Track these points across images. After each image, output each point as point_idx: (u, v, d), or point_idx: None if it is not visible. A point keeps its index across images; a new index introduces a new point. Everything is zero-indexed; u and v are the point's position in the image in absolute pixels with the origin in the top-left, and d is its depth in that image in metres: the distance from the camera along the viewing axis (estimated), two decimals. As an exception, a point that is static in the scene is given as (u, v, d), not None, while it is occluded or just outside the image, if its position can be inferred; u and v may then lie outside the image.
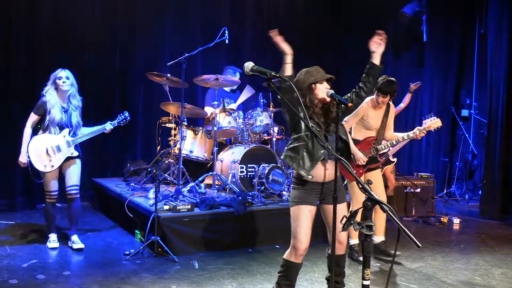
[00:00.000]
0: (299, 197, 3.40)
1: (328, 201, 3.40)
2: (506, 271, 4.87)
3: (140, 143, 7.51)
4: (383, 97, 4.75)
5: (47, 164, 4.83)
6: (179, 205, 5.16)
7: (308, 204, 3.38)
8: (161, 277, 4.32)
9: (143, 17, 7.50)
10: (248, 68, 3.25)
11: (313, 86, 3.37)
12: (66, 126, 4.87)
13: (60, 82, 4.85)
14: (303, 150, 3.33)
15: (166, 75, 6.20)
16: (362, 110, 4.78)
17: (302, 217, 3.37)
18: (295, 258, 3.43)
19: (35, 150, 4.81)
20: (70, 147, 4.89)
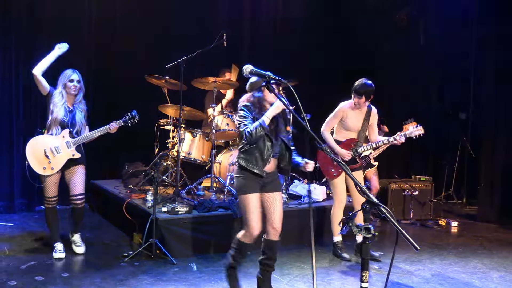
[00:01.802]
0: (246, 186, 3.74)
1: (267, 190, 3.82)
2: (504, 274, 4.88)
3: (139, 145, 7.49)
4: (358, 98, 4.94)
5: (47, 167, 4.66)
6: (177, 207, 5.16)
7: (254, 192, 3.75)
8: (159, 279, 4.32)
9: (142, 18, 7.50)
10: (247, 70, 3.27)
11: (263, 89, 3.71)
12: (67, 126, 4.72)
13: (71, 85, 4.72)
14: (256, 152, 3.72)
15: (164, 77, 6.21)
16: (341, 111, 5.07)
17: (252, 205, 3.74)
18: (248, 240, 3.81)
19: (33, 152, 4.64)
20: (71, 148, 4.70)
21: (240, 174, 3.77)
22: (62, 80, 4.74)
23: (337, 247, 5.23)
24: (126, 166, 6.94)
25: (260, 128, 3.60)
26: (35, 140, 4.70)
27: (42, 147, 4.66)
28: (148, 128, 6.88)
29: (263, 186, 3.81)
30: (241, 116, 3.73)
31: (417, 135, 5.02)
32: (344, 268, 4.90)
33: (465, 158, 8.96)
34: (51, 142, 4.68)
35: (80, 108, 4.84)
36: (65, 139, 4.70)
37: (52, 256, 4.78)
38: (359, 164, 5.17)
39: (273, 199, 3.84)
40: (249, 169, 3.71)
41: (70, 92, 4.74)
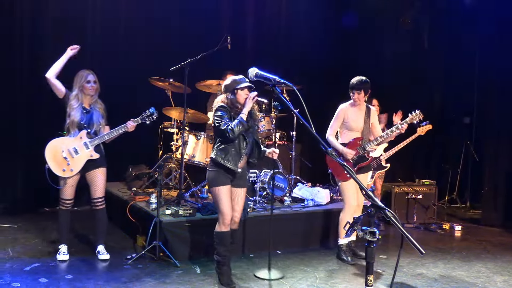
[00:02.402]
0: (218, 179, 4.17)
1: (234, 185, 4.27)
2: (508, 278, 4.87)
3: (142, 148, 7.51)
4: (357, 94, 5.08)
5: (66, 169, 4.63)
6: (181, 210, 5.16)
7: (226, 184, 4.19)
8: (162, 282, 4.32)
9: (146, 20, 7.53)
10: (252, 74, 3.28)
11: (236, 91, 4.18)
12: (85, 127, 4.69)
13: (89, 86, 4.69)
14: (232, 149, 4.16)
15: (168, 80, 6.22)
16: (341, 112, 5.18)
17: (224, 196, 4.18)
18: (224, 228, 4.22)
19: (52, 154, 4.62)
20: (89, 149, 4.68)
21: (214, 168, 4.19)
22: (78, 81, 4.71)
23: (341, 250, 5.24)
24: (129, 168, 6.95)
25: (241, 125, 4.07)
26: (53, 142, 4.67)
27: (60, 149, 4.64)
28: (151, 131, 6.89)
29: (232, 181, 4.23)
30: (219, 116, 4.15)
31: (418, 120, 5.20)
32: (349, 271, 4.89)
33: (468, 162, 8.95)
34: (69, 144, 4.65)
35: (97, 107, 4.80)
36: (83, 140, 4.68)
37: (56, 258, 4.78)
38: (369, 161, 5.22)
39: (237, 194, 4.31)
40: (224, 164, 4.11)
41: (88, 93, 4.72)
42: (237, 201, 4.32)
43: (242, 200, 4.35)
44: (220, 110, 4.16)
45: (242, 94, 4.19)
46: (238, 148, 4.19)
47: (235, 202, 4.30)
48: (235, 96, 4.19)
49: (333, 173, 5.24)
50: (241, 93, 4.19)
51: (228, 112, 4.17)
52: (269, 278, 4.58)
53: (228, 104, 4.20)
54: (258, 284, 4.44)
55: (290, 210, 5.85)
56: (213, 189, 4.21)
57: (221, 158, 4.13)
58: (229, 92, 4.21)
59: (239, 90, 4.19)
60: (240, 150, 4.20)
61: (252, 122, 4.31)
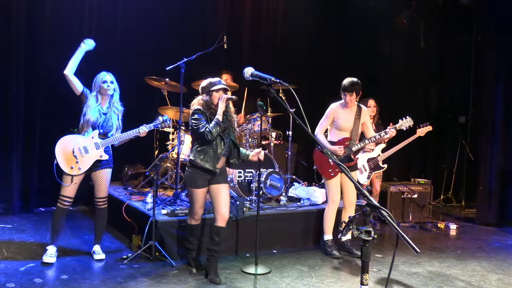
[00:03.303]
0: (196, 181, 4.35)
1: (215, 182, 4.41)
2: (502, 277, 4.89)
3: (138, 148, 7.49)
4: (350, 95, 5.15)
5: (74, 166, 4.61)
6: (177, 210, 5.16)
7: (202, 187, 4.38)
8: (158, 282, 4.31)
9: (142, 20, 7.51)
10: (248, 73, 3.28)
11: (211, 93, 4.34)
12: (98, 127, 4.68)
13: (105, 86, 4.69)
14: (210, 151, 4.31)
15: (164, 79, 6.21)
16: (331, 112, 5.25)
17: (198, 198, 4.41)
18: (194, 222, 4.60)
19: (62, 150, 4.59)
20: (99, 149, 4.67)
21: (192, 169, 4.36)
22: (96, 82, 4.73)
23: (327, 245, 5.36)
24: (125, 168, 6.95)
25: (218, 126, 4.22)
26: (65, 139, 4.64)
27: (71, 146, 4.62)
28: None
29: (212, 179, 4.38)
30: (196, 119, 4.29)
31: (407, 127, 5.32)
32: (345, 270, 4.90)
33: (464, 161, 8.98)
34: (80, 142, 4.64)
35: (116, 110, 4.80)
36: (94, 140, 4.67)
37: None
38: (354, 162, 5.31)
39: (220, 189, 4.41)
40: (202, 165, 4.27)
41: (105, 93, 4.72)
42: (220, 197, 4.41)
43: (225, 195, 4.43)
44: (197, 113, 4.31)
45: (216, 96, 4.34)
46: (216, 149, 4.32)
47: (219, 198, 4.41)
48: (210, 98, 4.35)
49: (319, 170, 5.36)
50: (216, 95, 4.34)
51: (204, 114, 4.32)
52: (255, 273, 4.63)
53: (204, 106, 4.35)
54: (245, 278, 4.50)
55: (286, 209, 5.86)
56: (189, 189, 4.43)
57: (199, 159, 4.28)
58: (205, 93, 4.38)
59: (214, 92, 4.35)
60: (218, 151, 4.33)
61: (228, 123, 4.42)
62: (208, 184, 4.41)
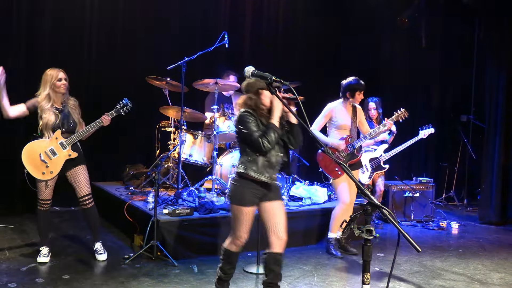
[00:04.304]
0: (243, 197, 3.54)
1: (269, 199, 3.62)
2: (504, 275, 4.88)
3: (140, 147, 7.51)
4: (358, 93, 5.22)
5: (46, 171, 4.54)
6: (178, 209, 5.16)
7: (251, 205, 3.56)
8: (160, 281, 4.32)
9: (144, 19, 7.52)
10: (249, 72, 3.28)
11: (260, 91, 3.58)
12: (58, 127, 4.56)
13: (60, 84, 4.55)
14: (265, 160, 3.53)
15: (165, 79, 6.21)
16: (330, 111, 5.26)
17: (244, 218, 3.58)
18: (234, 248, 3.72)
19: (29, 158, 4.48)
20: (66, 148, 4.57)
21: (239, 182, 3.55)
22: (49, 81, 4.56)
23: (330, 243, 5.35)
24: (127, 168, 6.95)
25: (275, 134, 3.46)
26: (29, 146, 4.55)
27: (37, 152, 4.52)
28: (149, 130, 6.89)
29: (265, 195, 3.60)
30: (245, 124, 3.50)
31: (403, 118, 5.37)
32: (346, 269, 4.90)
33: (466, 160, 8.97)
34: (45, 146, 4.53)
35: (71, 105, 4.68)
36: (59, 140, 4.56)
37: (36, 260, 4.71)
38: (358, 158, 5.33)
39: (275, 208, 3.62)
40: (257, 178, 3.49)
41: (60, 91, 4.59)
42: (276, 217, 3.62)
43: (283, 213, 3.65)
44: (246, 117, 3.53)
45: (266, 95, 3.59)
46: (271, 158, 3.55)
47: (274, 218, 3.62)
48: (259, 97, 3.59)
49: (325, 171, 5.35)
50: (266, 94, 3.59)
51: (254, 117, 3.53)
52: (257, 272, 4.64)
53: (252, 107, 3.58)
54: (248, 277, 4.50)
55: (287, 209, 5.85)
56: (234, 206, 3.58)
57: (252, 171, 3.49)
58: (252, 92, 3.61)
59: (264, 90, 3.59)
60: (273, 160, 3.56)
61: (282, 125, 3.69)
62: (259, 201, 3.62)
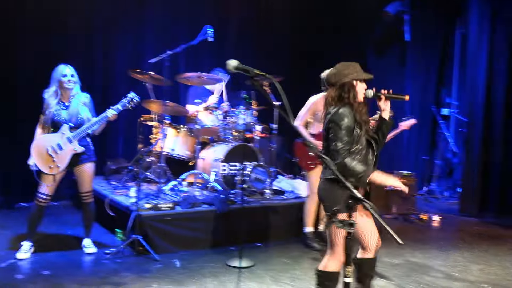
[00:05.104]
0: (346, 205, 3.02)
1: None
2: (483, 267, 4.95)
3: (121, 141, 7.45)
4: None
5: (53, 166, 4.54)
6: (161, 204, 5.13)
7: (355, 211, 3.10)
8: (142, 276, 4.29)
9: (126, 12, 7.44)
10: (232, 65, 3.24)
11: (355, 83, 3.24)
12: (64, 122, 4.57)
13: (65, 80, 4.56)
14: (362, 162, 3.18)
15: (148, 72, 6.15)
16: (313, 105, 5.18)
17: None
18: (337, 267, 3.28)
19: (37, 153, 4.54)
20: (72, 143, 4.57)
21: (336, 189, 3.08)
22: (56, 77, 4.60)
23: (308, 237, 5.36)
24: (108, 162, 6.89)
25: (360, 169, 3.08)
26: (38, 140, 4.60)
27: (44, 146, 4.55)
28: (131, 124, 6.84)
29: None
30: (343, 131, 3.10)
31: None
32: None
33: (447, 153, 9.06)
34: (53, 140, 4.56)
35: (81, 102, 4.69)
36: (66, 135, 4.58)
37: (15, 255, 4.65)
38: None
39: (367, 215, 3.22)
40: (358, 182, 3.10)
41: (65, 87, 4.60)
42: (370, 224, 3.29)
43: (372, 220, 3.29)
44: (346, 117, 3.13)
45: (361, 87, 3.27)
46: (367, 159, 3.23)
47: (368, 225, 3.28)
48: (354, 89, 3.23)
49: (299, 163, 5.36)
50: (360, 86, 3.26)
51: (355, 119, 3.16)
52: (240, 266, 4.62)
53: (351, 101, 3.20)
54: (230, 272, 4.50)
55: (270, 202, 5.86)
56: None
57: (361, 176, 3.12)
58: (347, 84, 3.22)
59: (358, 82, 3.25)
60: (370, 163, 3.24)
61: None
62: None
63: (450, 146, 8.89)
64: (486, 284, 4.47)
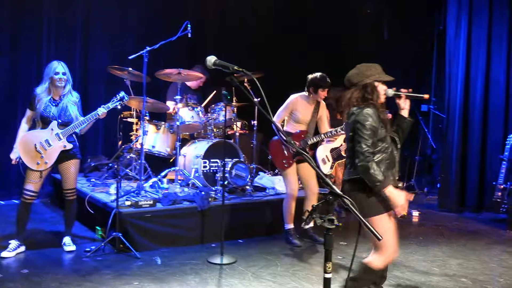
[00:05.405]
0: (381, 204, 3.21)
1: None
2: (462, 261, 5.02)
3: (101, 138, 7.37)
4: (322, 91, 5.18)
5: (41, 162, 4.52)
6: (141, 201, 5.10)
7: (390, 209, 3.22)
8: (122, 274, 4.26)
9: (105, 8, 7.36)
10: (211, 62, 3.22)
11: (377, 84, 3.26)
12: (53, 119, 4.56)
13: (56, 78, 4.55)
14: (387, 161, 3.21)
15: (127, 69, 6.09)
16: (292, 104, 5.22)
17: (390, 224, 3.30)
18: (383, 265, 3.33)
19: (24, 148, 4.51)
20: (61, 140, 4.56)
21: (370, 191, 3.15)
22: (48, 73, 4.59)
23: (288, 234, 5.38)
24: (88, 159, 6.82)
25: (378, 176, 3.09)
26: (25, 136, 4.57)
27: (32, 142, 4.52)
28: (110, 121, 6.75)
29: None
30: (368, 131, 3.11)
31: None
32: (310, 258, 4.94)
33: (426, 149, 9.16)
34: (41, 136, 4.54)
35: (71, 100, 4.68)
36: (55, 131, 4.56)
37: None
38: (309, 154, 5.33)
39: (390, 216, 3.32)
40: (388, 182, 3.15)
41: (57, 84, 4.59)
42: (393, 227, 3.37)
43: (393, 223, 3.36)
44: (371, 117, 3.14)
45: (382, 88, 3.29)
46: (393, 160, 3.27)
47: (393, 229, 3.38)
48: (376, 90, 3.26)
49: (273, 160, 5.37)
50: (382, 87, 3.29)
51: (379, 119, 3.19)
52: (221, 263, 4.63)
53: (374, 102, 3.22)
54: (212, 268, 4.50)
55: (251, 199, 5.87)
56: (374, 218, 3.17)
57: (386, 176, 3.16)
58: (368, 84, 3.24)
59: (380, 83, 3.28)
60: (396, 162, 3.29)
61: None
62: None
63: (429, 142, 8.98)
64: (465, 278, 4.53)
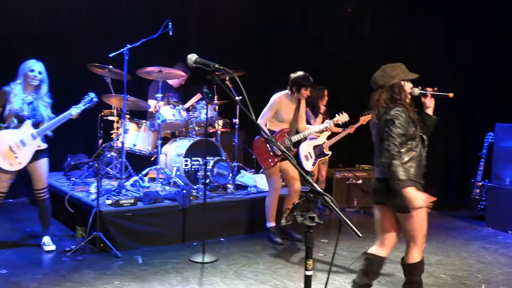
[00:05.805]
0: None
1: None
2: (441, 258, 5.10)
3: (81, 137, 7.29)
4: (305, 90, 5.26)
5: (14, 162, 4.45)
6: (122, 200, 5.07)
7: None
8: (103, 273, 4.23)
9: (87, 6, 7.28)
10: (192, 60, 3.21)
11: (403, 83, 3.33)
12: (27, 118, 4.49)
13: (31, 75, 4.48)
14: (418, 158, 3.27)
15: (108, 66, 6.04)
16: (276, 104, 5.25)
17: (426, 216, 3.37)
18: (419, 257, 3.42)
19: None
20: (36, 139, 4.51)
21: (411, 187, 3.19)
22: (23, 70, 4.52)
23: (270, 232, 5.40)
24: (68, 158, 6.75)
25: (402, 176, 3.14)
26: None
27: (6, 142, 4.44)
28: (91, 119, 6.69)
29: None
30: (397, 129, 3.18)
31: (344, 122, 5.54)
32: (291, 256, 4.97)
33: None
34: (15, 136, 4.46)
35: (44, 102, 4.62)
36: (29, 131, 4.50)
37: None
38: (293, 153, 5.49)
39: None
40: (418, 181, 3.24)
41: (31, 83, 4.52)
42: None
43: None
44: (401, 117, 3.21)
45: (408, 87, 3.37)
46: (421, 154, 3.34)
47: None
48: (403, 89, 3.34)
49: (258, 159, 5.37)
50: (408, 86, 3.37)
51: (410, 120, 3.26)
52: (203, 261, 4.63)
53: (403, 102, 3.30)
54: (193, 267, 4.50)
55: (233, 197, 5.87)
56: (417, 212, 3.28)
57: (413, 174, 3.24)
58: (396, 85, 3.33)
59: (406, 82, 3.36)
60: (423, 156, 3.35)
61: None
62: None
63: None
64: (444, 275, 4.60)
